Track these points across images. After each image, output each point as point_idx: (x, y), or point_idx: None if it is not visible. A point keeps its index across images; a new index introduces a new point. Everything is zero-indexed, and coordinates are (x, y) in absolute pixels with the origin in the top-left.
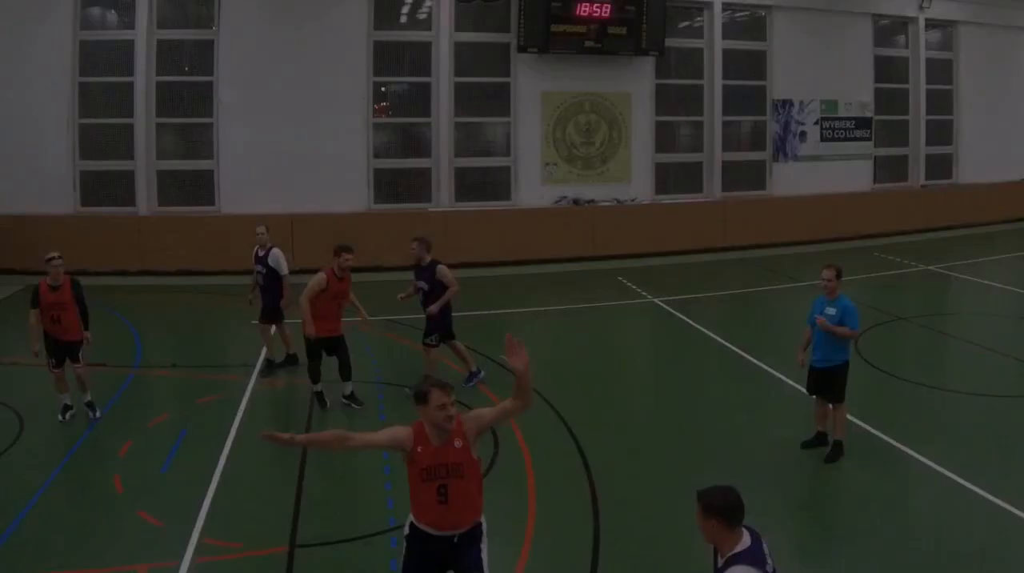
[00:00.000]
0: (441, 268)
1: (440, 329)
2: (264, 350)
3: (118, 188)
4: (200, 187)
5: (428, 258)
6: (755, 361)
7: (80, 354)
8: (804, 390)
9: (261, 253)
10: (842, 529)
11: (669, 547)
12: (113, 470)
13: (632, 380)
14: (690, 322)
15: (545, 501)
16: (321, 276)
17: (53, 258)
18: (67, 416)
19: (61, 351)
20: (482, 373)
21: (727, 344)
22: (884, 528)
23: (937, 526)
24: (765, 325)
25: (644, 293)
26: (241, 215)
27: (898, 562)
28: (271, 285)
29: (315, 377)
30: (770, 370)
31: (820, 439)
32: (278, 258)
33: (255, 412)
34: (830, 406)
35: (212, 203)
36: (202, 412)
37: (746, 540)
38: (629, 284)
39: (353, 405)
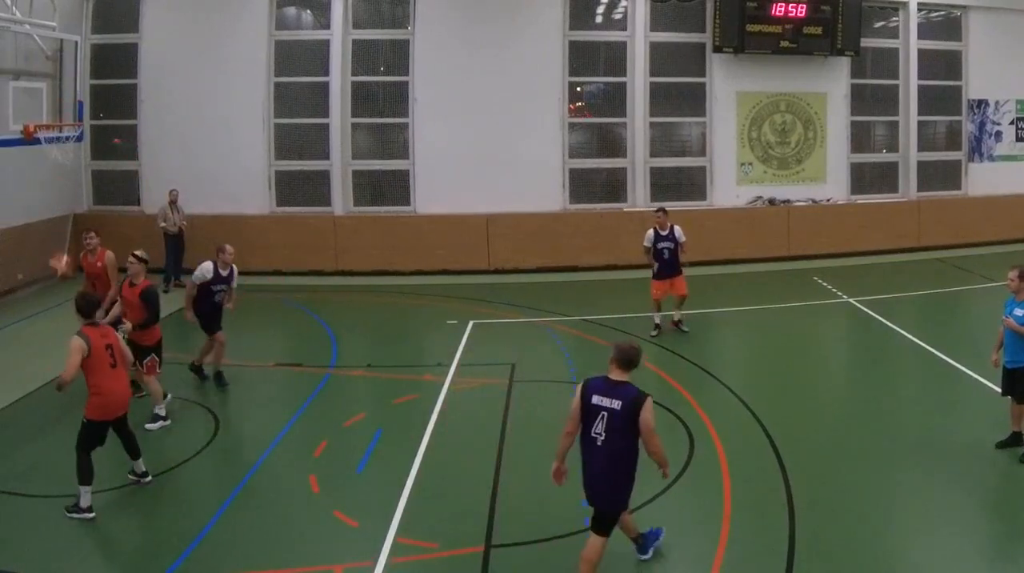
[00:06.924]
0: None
1: None
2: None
3: (313, 188)
4: (395, 187)
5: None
6: (950, 361)
7: None
8: (999, 390)
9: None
10: None
11: (865, 549)
12: (309, 470)
13: (827, 379)
14: (885, 322)
15: (740, 501)
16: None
17: None
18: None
19: None
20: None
21: (922, 344)
22: None
23: None
24: (960, 325)
25: (839, 293)
26: (436, 215)
27: None
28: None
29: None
30: (965, 370)
31: (1015, 439)
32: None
33: (450, 412)
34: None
35: (407, 203)
36: (397, 412)
37: None
38: (824, 284)
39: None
